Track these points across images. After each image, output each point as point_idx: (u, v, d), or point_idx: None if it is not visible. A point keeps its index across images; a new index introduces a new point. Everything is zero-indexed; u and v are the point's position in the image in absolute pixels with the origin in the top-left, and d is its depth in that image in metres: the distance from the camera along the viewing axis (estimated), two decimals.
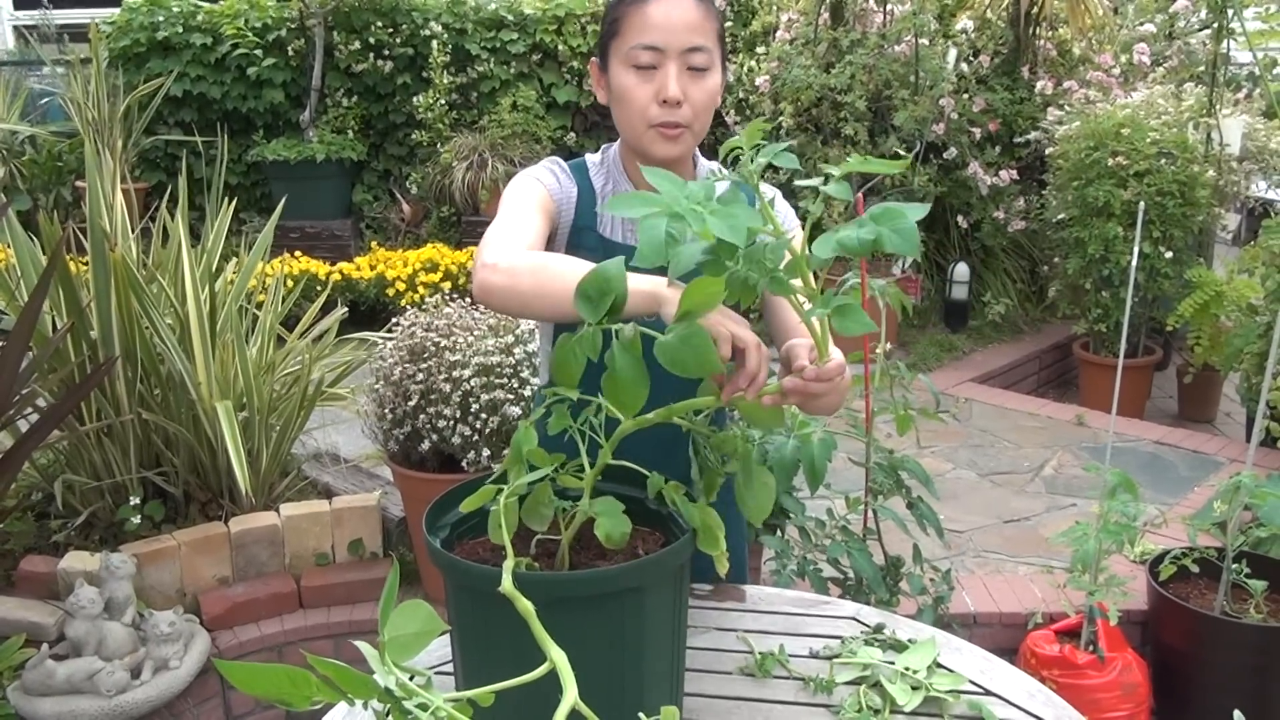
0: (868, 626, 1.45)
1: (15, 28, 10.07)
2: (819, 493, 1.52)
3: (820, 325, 1.07)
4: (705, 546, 1.18)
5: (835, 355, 1.13)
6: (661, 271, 1.02)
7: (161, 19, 6.08)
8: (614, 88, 1.46)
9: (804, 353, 1.18)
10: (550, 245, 1.54)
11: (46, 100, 6.84)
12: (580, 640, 1.08)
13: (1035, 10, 5.48)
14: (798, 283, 1.03)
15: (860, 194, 4.93)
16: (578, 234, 1.54)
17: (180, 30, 6.05)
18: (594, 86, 1.53)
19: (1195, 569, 2.55)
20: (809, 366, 1.13)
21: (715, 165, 1.62)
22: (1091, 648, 2.51)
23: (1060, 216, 4.85)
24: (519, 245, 1.37)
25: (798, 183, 1.02)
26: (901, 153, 5.10)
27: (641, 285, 1.15)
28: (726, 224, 0.94)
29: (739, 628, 1.45)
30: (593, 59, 1.53)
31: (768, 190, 1.56)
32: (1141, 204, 3.00)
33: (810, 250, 0.99)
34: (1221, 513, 2.57)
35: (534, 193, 1.50)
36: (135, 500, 2.89)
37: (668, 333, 1.02)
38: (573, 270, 1.27)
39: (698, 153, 1.57)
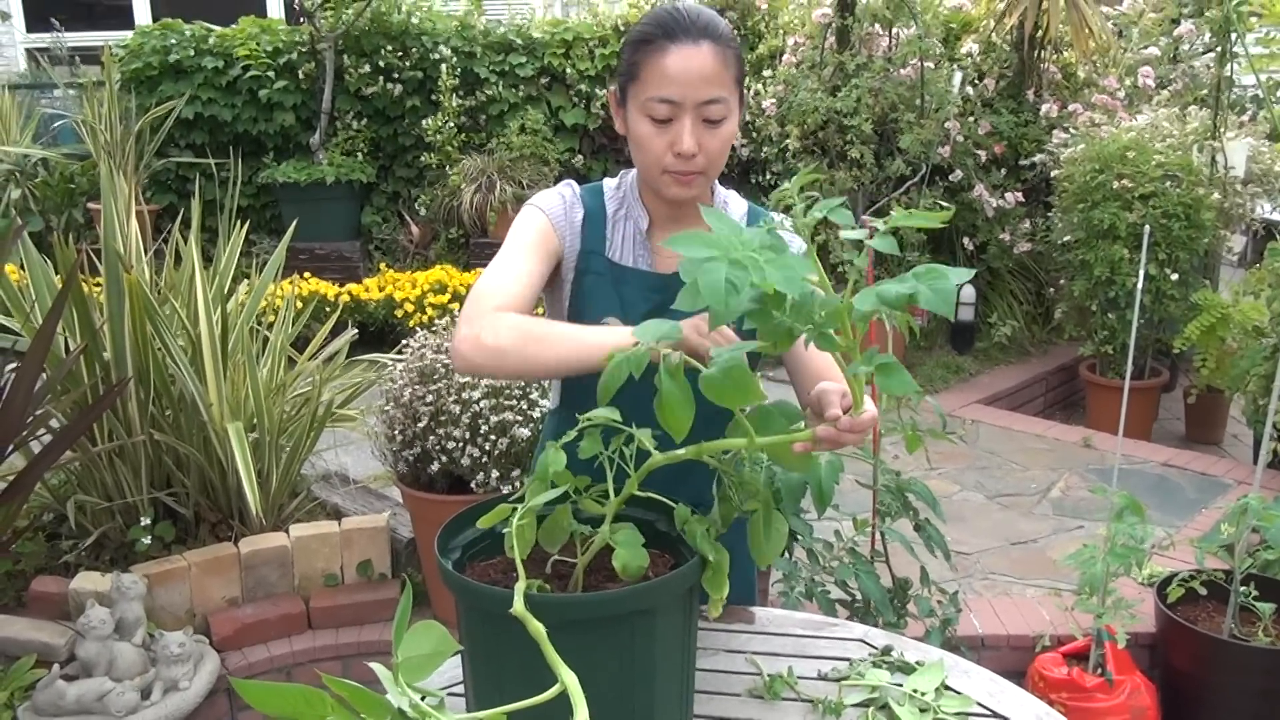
0: (876, 648, 1.46)
1: (28, 50, 10.17)
2: (826, 514, 1.53)
3: (858, 378, 1.08)
4: (710, 587, 1.19)
5: (869, 407, 1.15)
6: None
7: (174, 42, 6.14)
8: (631, 131, 1.47)
9: (837, 400, 1.18)
10: (556, 274, 1.55)
11: (59, 123, 6.89)
12: (590, 662, 1.09)
13: (1039, 34, 5.52)
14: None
15: (866, 215, 4.95)
16: (585, 258, 1.55)
17: (192, 54, 6.11)
18: (613, 115, 1.54)
19: (1203, 591, 2.55)
20: (843, 417, 1.15)
21: (732, 195, 1.64)
22: (1100, 670, 2.51)
23: (1066, 239, 4.87)
24: (504, 306, 1.39)
25: (844, 234, 1.03)
26: (944, 204, 5.11)
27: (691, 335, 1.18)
28: (784, 275, 0.95)
29: (748, 650, 1.46)
30: (611, 89, 1.54)
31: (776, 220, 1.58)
32: (1147, 227, 3.02)
33: (852, 302, 1.00)
34: (1229, 535, 2.57)
35: (533, 226, 1.52)
36: (146, 521, 2.91)
37: (710, 366, 1.04)
38: (563, 339, 1.33)
39: (716, 183, 1.58)
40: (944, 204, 5.36)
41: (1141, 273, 2.73)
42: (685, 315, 1.12)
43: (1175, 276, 4.50)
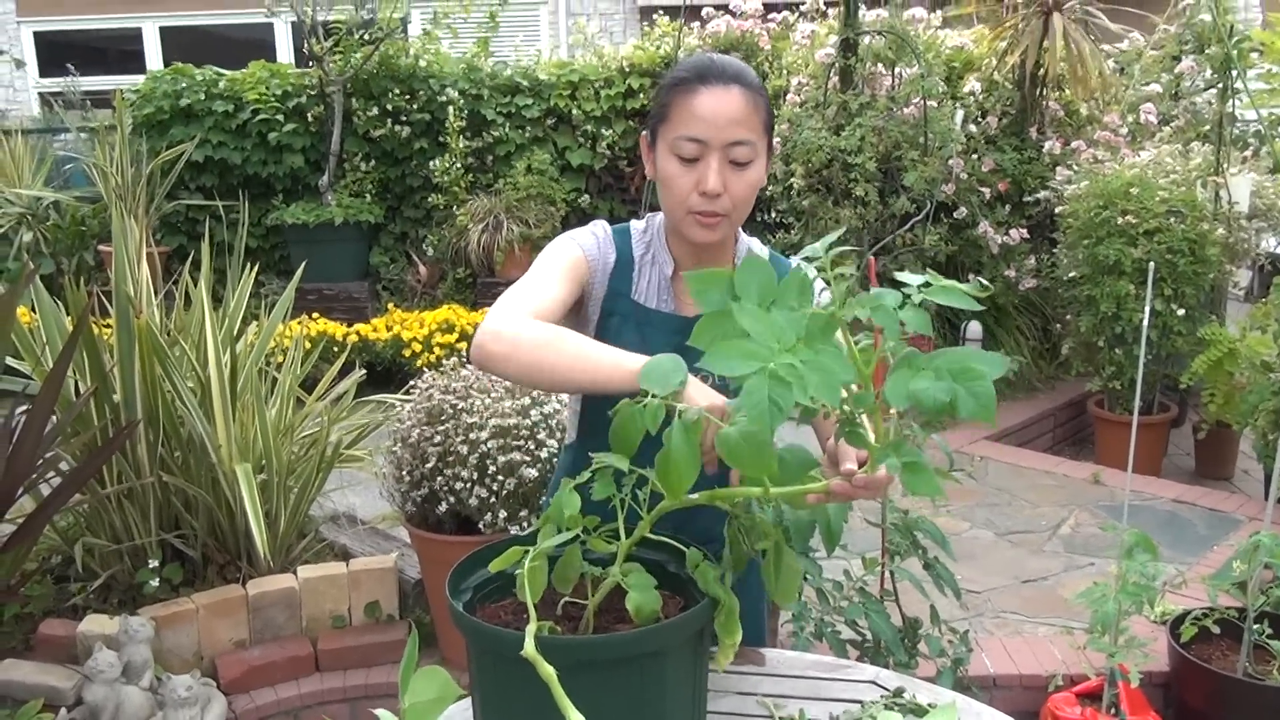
0: (888, 690, 1.45)
1: (41, 94, 10.30)
2: (835, 554, 1.52)
3: (879, 427, 1.08)
4: (723, 632, 1.19)
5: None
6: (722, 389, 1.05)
7: (184, 86, 6.21)
8: (659, 170, 1.49)
9: (853, 453, 1.19)
10: (582, 309, 1.57)
11: (70, 166, 6.97)
12: (601, 704, 1.09)
13: (1041, 72, 5.56)
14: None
15: (872, 255, 4.97)
16: (611, 299, 1.56)
17: (202, 97, 6.18)
18: (644, 159, 1.56)
19: (1217, 630, 2.53)
20: (859, 473, 1.15)
21: (754, 243, 1.65)
22: (1114, 711, 2.48)
23: (1071, 275, 4.88)
24: (529, 313, 1.40)
25: (877, 316, 1.03)
26: (985, 282, 5.13)
27: (698, 397, 1.17)
28: (824, 383, 0.95)
29: (759, 691, 1.45)
30: (644, 134, 1.56)
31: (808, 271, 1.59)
32: (1152, 263, 3.03)
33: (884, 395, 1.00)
34: (1241, 572, 2.55)
35: (567, 255, 1.54)
36: (154, 563, 2.91)
37: (732, 424, 1.03)
38: (579, 351, 1.33)
39: (740, 230, 1.60)
40: (949, 240, 5.38)
41: (1148, 308, 2.73)
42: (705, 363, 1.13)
43: (1181, 312, 4.51)
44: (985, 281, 1.16)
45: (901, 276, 1.03)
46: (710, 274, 1.03)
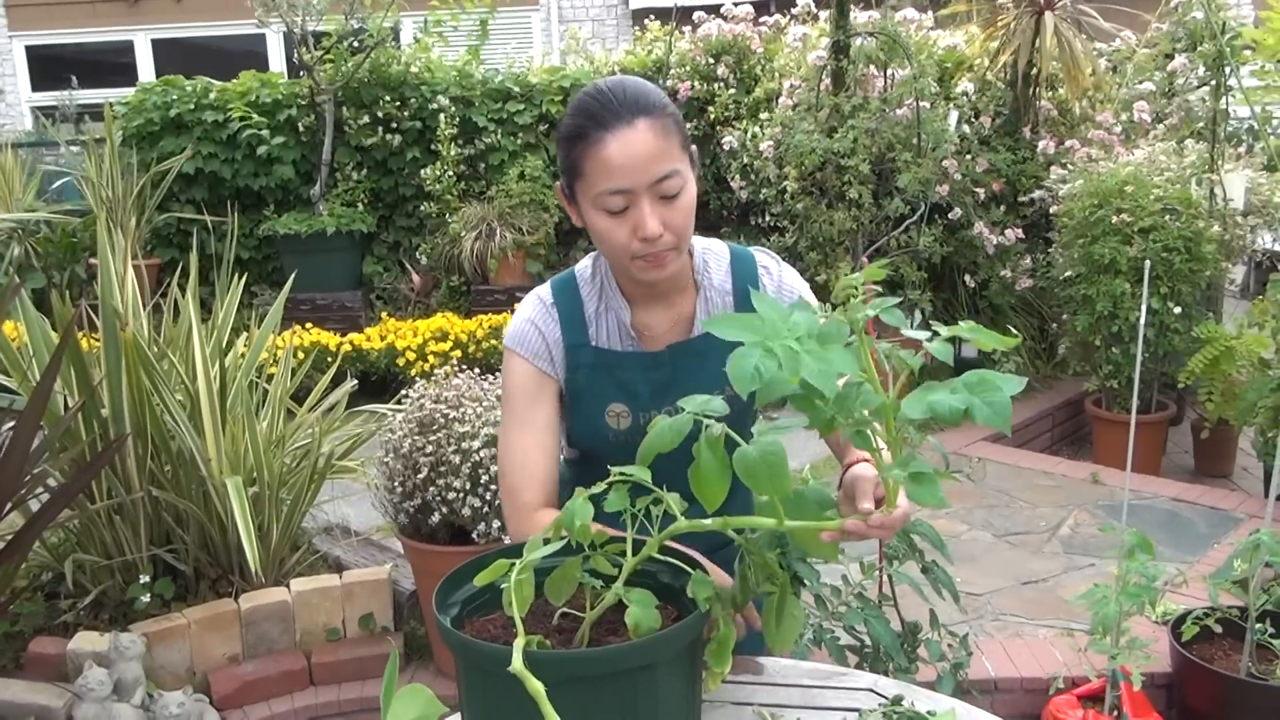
0: (885, 698, 1.42)
1: (33, 109, 10.29)
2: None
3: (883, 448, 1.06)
4: (714, 660, 1.17)
5: (902, 503, 1.13)
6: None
7: (174, 98, 6.19)
8: (589, 226, 1.41)
9: (870, 490, 1.16)
10: (561, 391, 1.54)
11: (62, 180, 6.95)
12: (592, 719, 1.06)
13: (1033, 72, 5.55)
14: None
15: (866, 256, 4.96)
16: (573, 352, 1.51)
17: (192, 107, 6.16)
18: (566, 209, 1.47)
19: (1218, 629, 2.51)
20: (875, 513, 1.12)
21: (709, 244, 1.58)
22: (1116, 713, 2.46)
23: (1067, 274, 4.86)
24: (533, 497, 1.45)
25: (906, 333, 1.02)
26: (1015, 330, 5.13)
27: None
28: (820, 368, 0.94)
29: (754, 701, 1.42)
30: (558, 185, 1.47)
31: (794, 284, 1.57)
32: (1147, 261, 3.01)
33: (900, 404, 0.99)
34: (1242, 571, 2.53)
35: (520, 382, 1.50)
36: (145, 578, 2.88)
37: (751, 444, 1.02)
38: None
39: (693, 243, 1.52)
40: (944, 241, 5.37)
41: (1144, 306, 2.71)
42: (689, 392, 1.12)
43: (1178, 310, 4.49)
44: (1014, 329, 1.15)
45: (937, 327, 1.02)
46: (726, 322, 1.01)
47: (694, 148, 1.45)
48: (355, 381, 3.65)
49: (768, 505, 1.09)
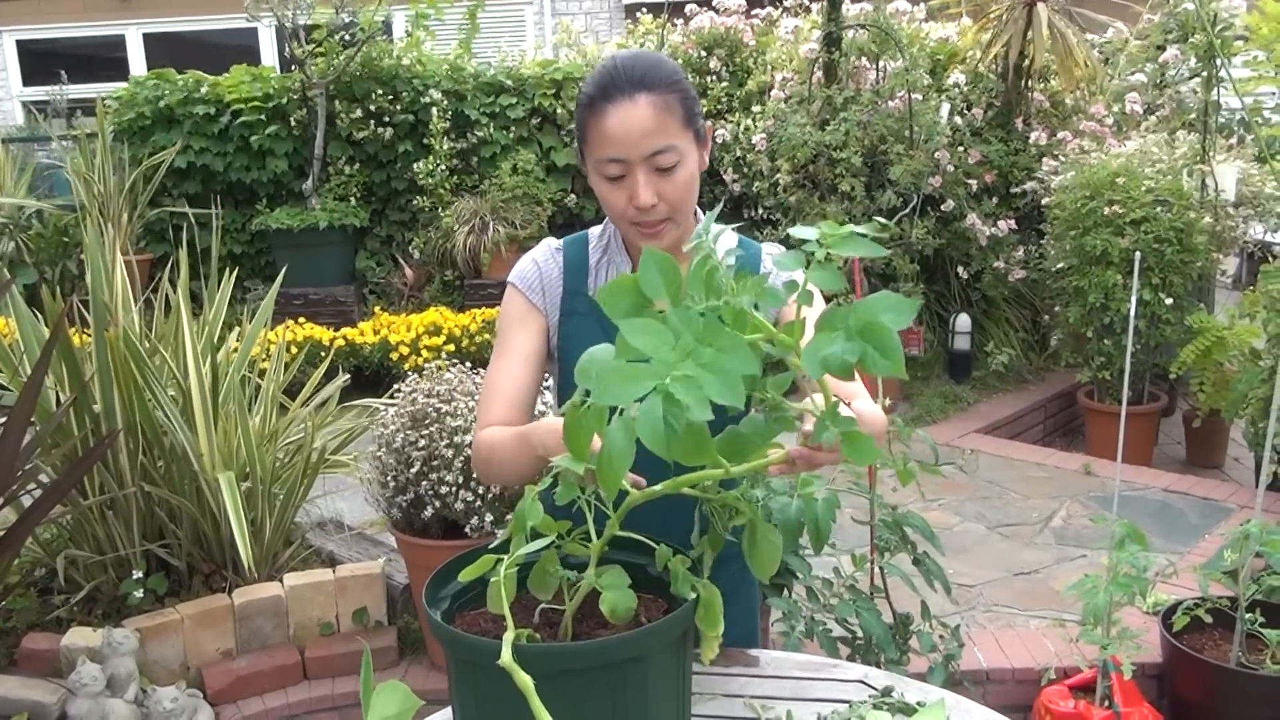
0: (876, 690, 1.43)
1: (24, 103, 10.25)
2: (825, 551, 1.51)
3: (827, 394, 1.02)
4: (704, 625, 1.16)
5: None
6: None
7: (166, 91, 6.17)
8: (595, 189, 1.49)
9: (811, 418, 1.16)
10: (548, 332, 1.58)
11: (53, 174, 6.92)
12: (582, 711, 1.07)
13: (1025, 63, 5.55)
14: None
15: (793, 230, 4.96)
16: (570, 299, 1.56)
17: (183, 100, 6.14)
18: (586, 173, 1.56)
19: (1209, 619, 2.52)
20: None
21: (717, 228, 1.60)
22: (1107, 703, 2.47)
23: (1059, 266, 4.87)
24: (495, 416, 1.49)
25: (780, 275, 1.00)
26: (884, 221, 5.10)
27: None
28: (723, 383, 0.84)
29: (746, 693, 1.43)
30: (576, 147, 1.55)
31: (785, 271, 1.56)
32: (1139, 252, 3.01)
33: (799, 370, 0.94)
34: (1232, 561, 2.54)
35: (511, 309, 1.57)
36: (138, 574, 2.88)
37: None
38: (508, 452, 1.42)
39: (701, 219, 1.55)
40: (936, 233, 5.37)
41: (1135, 298, 2.72)
42: None
43: (1170, 301, 4.50)
44: (884, 221, 1.12)
45: (796, 232, 0.96)
46: (615, 285, 0.96)
47: (707, 124, 1.52)
48: (348, 376, 3.65)
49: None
